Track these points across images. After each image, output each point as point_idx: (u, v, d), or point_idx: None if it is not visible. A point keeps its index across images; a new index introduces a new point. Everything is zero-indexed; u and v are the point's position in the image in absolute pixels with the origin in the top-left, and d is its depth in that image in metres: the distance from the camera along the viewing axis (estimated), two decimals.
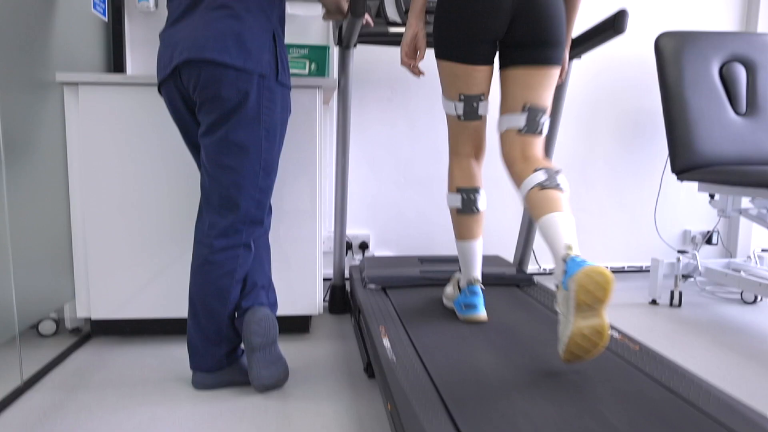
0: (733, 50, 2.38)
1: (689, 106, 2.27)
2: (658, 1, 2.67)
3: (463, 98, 1.51)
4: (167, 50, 1.41)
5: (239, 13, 1.35)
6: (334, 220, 2.13)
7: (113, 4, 2.19)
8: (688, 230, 2.80)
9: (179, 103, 1.45)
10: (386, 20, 1.93)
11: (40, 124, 1.65)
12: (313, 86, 1.80)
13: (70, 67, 1.84)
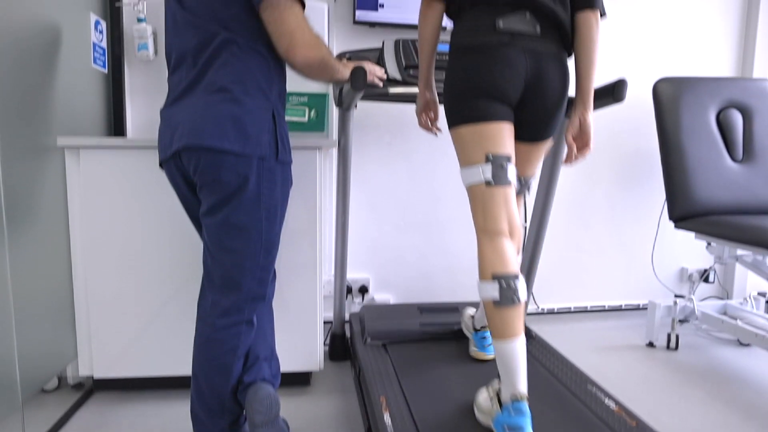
0: (730, 96, 2.39)
1: (686, 153, 2.28)
2: (655, 45, 2.68)
3: (491, 158, 1.37)
4: (167, 131, 1.41)
5: (238, 96, 1.35)
6: (334, 271, 2.14)
7: (113, 54, 2.20)
8: (685, 268, 2.82)
9: (180, 181, 1.46)
10: (386, 77, 1.94)
11: (41, 186, 1.66)
12: (312, 147, 1.81)
13: (71, 125, 1.84)
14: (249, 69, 1.37)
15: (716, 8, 2.72)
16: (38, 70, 1.66)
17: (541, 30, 1.37)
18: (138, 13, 2.16)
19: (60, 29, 1.78)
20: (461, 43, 1.41)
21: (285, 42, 1.36)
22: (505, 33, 1.36)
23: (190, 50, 1.40)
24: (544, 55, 1.38)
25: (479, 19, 1.38)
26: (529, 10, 1.37)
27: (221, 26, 1.36)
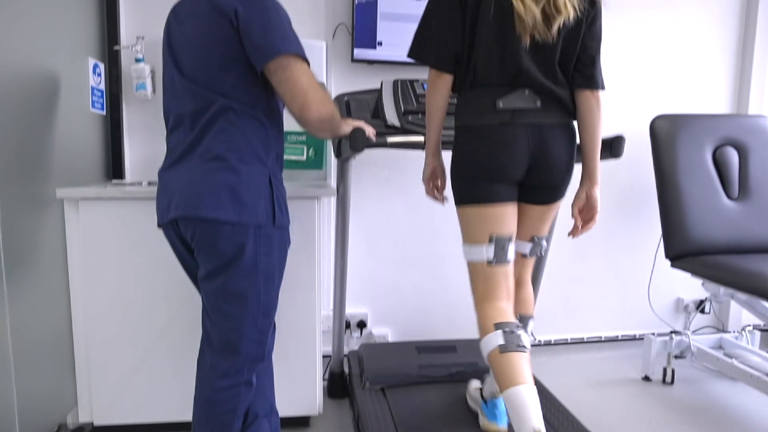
0: (726, 134, 2.41)
1: (683, 192, 2.30)
2: (653, 78, 2.70)
3: (494, 239, 1.44)
4: (165, 196, 1.42)
5: (234, 164, 1.35)
6: (333, 312, 2.15)
7: (111, 93, 2.20)
8: (681, 298, 2.84)
9: (178, 243, 1.47)
10: (384, 123, 1.94)
11: (41, 237, 1.67)
12: (311, 197, 1.82)
13: (69, 171, 1.85)
14: (246, 136, 1.38)
15: (712, 45, 2.73)
16: (37, 119, 1.66)
17: (542, 104, 1.40)
18: (136, 53, 2.16)
19: (58, 76, 1.79)
20: (465, 124, 1.45)
21: (299, 101, 1.36)
22: (506, 111, 1.39)
23: (187, 114, 1.41)
24: (546, 126, 1.41)
25: (481, 99, 1.41)
26: (528, 87, 1.39)
27: (218, 93, 1.37)
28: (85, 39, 2.01)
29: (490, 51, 1.37)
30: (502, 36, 1.36)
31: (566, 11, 1.34)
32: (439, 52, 1.43)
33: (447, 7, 1.40)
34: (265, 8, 1.34)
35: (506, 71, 1.38)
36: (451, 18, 1.40)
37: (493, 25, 1.35)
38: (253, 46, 1.32)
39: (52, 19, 1.76)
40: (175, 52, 1.44)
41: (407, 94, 2.05)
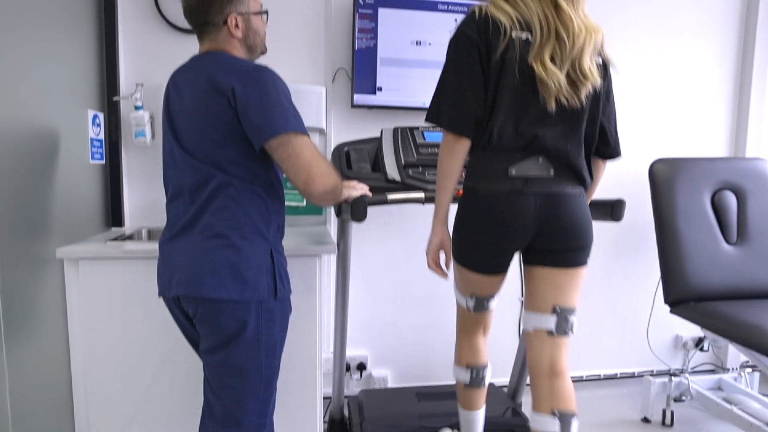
0: (724, 178, 2.41)
1: (682, 237, 2.30)
2: (651, 120, 2.71)
3: (474, 298, 1.56)
4: (166, 270, 1.42)
5: (235, 242, 1.35)
6: (333, 359, 2.15)
7: (110, 140, 2.20)
8: (680, 336, 2.85)
9: (180, 315, 1.47)
10: (385, 177, 1.94)
11: (40, 297, 1.66)
12: (311, 255, 1.81)
13: (69, 224, 1.84)
14: (246, 212, 1.37)
15: (710, 86, 2.75)
16: (37, 175, 1.66)
17: (555, 172, 1.39)
18: (135, 101, 2.16)
19: (58, 130, 1.78)
20: (474, 187, 1.43)
21: (303, 176, 1.35)
22: (518, 179, 1.37)
23: (187, 187, 1.40)
24: (556, 195, 1.39)
25: (493, 163, 1.40)
26: (542, 155, 1.38)
27: (217, 168, 1.36)
28: (85, 90, 2.00)
29: (508, 116, 1.36)
30: (523, 102, 1.35)
31: (593, 77, 1.35)
32: (459, 116, 1.37)
33: (468, 70, 1.35)
34: (263, 85, 1.34)
35: (521, 137, 1.37)
36: (473, 81, 1.35)
37: (515, 91, 1.34)
38: (251, 125, 1.32)
39: (52, 73, 1.76)
40: (175, 124, 1.44)
41: (407, 144, 2.05)
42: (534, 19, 1.32)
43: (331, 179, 1.40)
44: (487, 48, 1.33)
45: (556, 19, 1.32)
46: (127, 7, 2.22)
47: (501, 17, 1.33)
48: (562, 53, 1.32)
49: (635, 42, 2.66)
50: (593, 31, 1.36)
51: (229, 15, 1.42)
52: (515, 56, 1.32)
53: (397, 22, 2.29)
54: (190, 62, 1.47)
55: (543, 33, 1.31)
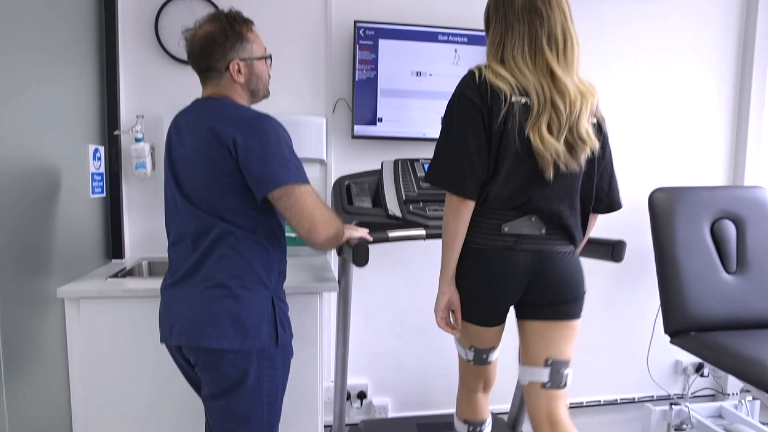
0: (723, 207, 2.42)
1: (681, 267, 2.31)
2: (650, 146, 2.73)
3: (473, 349, 1.55)
4: (167, 318, 1.42)
5: (237, 292, 1.35)
6: (334, 391, 2.15)
7: (110, 172, 2.20)
8: (680, 361, 2.85)
9: (181, 361, 1.47)
10: (386, 213, 1.94)
11: (41, 335, 1.66)
12: (313, 292, 1.82)
13: (69, 260, 1.84)
14: (248, 261, 1.37)
15: (707, 114, 2.76)
16: (37, 213, 1.66)
17: (547, 231, 1.41)
18: (136, 133, 2.16)
19: (59, 167, 1.78)
20: (472, 242, 1.44)
21: (306, 225, 1.36)
22: (510, 236, 1.39)
23: (188, 233, 1.41)
24: (546, 252, 1.42)
25: (487, 220, 1.41)
26: (536, 214, 1.39)
27: (218, 217, 1.37)
28: (86, 125, 2.00)
29: (506, 179, 1.36)
30: (522, 167, 1.35)
31: (591, 141, 1.36)
32: (466, 179, 1.35)
33: (473, 132, 1.34)
34: (265, 135, 1.34)
35: (516, 198, 1.38)
36: (478, 144, 1.34)
37: (514, 157, 1.34)
38: (253, 176, 1.33)
39: (53, 108, 1.76)
40: (176, 170, 1.44)
41: (408, 177, 2.05)
42: (531, 89, 1.33)
43: (333, 227, 1.41)
44: (489, 114, 1.33)
45: (552, 88, 1.32)
46: (127, 39, 2.23)
47: (500, 84, 1.32)
48: (560, 121, 1.32)
49: (633, 70, 2.67)
50: (589, 95, 1.36)
51: (231, 61, 1.42)
52: (515, 123, 1.32)
53: (398, 53, 2.30)
54: (192, 106, 1.48)
55: (540, 103, 1.32)
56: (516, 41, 1.34)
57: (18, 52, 1.55)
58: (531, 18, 1.32)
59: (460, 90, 1.37)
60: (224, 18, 1.43)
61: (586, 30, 2.56)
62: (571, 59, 1.35)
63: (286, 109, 2.33)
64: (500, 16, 1.37)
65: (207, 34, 1.41)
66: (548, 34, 1.33)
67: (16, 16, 1.54)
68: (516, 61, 1.35)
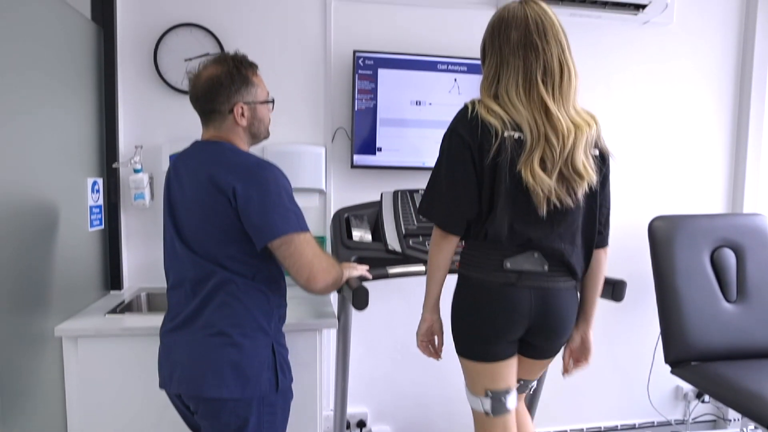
0: (723, 235, 2.41)
1: (681, 297, 2.30)
2: (648, 176, 2.73)
3: (490, 394, 1.45)
4: (167, 364, 1.41)
5: (237, 340, 1.34)
6: (334, 425, 2.14)
7: (109, 202, 2.19)
8: (681, 387, 2.84)
9: (181, 406, 1.47)
10: (385, 248, 1.94)
11: (38, 375, 1.65)
12: (312, 329, 1.81)
13: (67, 295, 1.82)
14: (248, 309, 1.37)
15: (706, 140, 2.76)
16: (35, 250, 1.65)
17: (549, 267, 1.39)
18: (134, 164, 2.15)
19: (57, 200, 1.78)
20: (470, 276, 1.43)
21: (305, 274, 1.36)
22: (513, 272, 1.37)
23: (188, 279, 1.40)
24: (550, 290, 1.41)
25: (489, 256, 1.39)
26: (538, 250, 1.38)
27: (218, 264, 1.36)
28: (84, 158, 2.00)
29: (503, 216, 1.35)
30: (518, 204, 1.34)
31: (588, 175, 1.34)
32: (450, 216, 1.39)
33: (461, 170, 1.35)
34: (265, 183, 1.34)
35: (517, 236, 1.37)
36: (465, 183, 1.35)
37: (508, 194, 1.33)
38: (252, 226, 1.32)
39: (52, 143, 1.75)
40: (175, 216, 1.44)
41: (407, 209, 2.05)
42: (524, 124, 1.31)
43: (332, 275, 1.41)
44: (479, 151, 1.32)
45: (546, 123, 1.31)
46: (126, 68, 2.22)
47: (492, 120, 1.32)
48: (553, 156, 1.31)
49: (632, 96, 2.67)
50: (585, 126, 1.34)
51: (236, 104, 1.42)
52: (507, 159, 1.31)
53: (397, 83, 2.30)
54: (192, 150, 1.47)
55: (533, 138, 1.30)
56: (511, 75, 1.33)
57: (16, 86, 1.55)
58: (526, 52, 1.31)
59: (453, 126, 1.37)
60: (231, 61, 1.43)
61: (585, 55, 2.57)
62: (567, 91, 1.34)
63: (286, 137, 2.33)
64: (495, 49, 1.36)
65: (213, 77, 1.41)
66: (544, 68, 1.31)
67: (12, 50, 1.53)
68: (510, 95, 1.33)
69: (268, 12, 2.31)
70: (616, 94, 2.66)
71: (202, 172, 1.37)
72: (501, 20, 1.36)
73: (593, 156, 1.39)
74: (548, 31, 1.32)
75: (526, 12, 1.33)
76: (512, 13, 1.35)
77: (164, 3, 2.24)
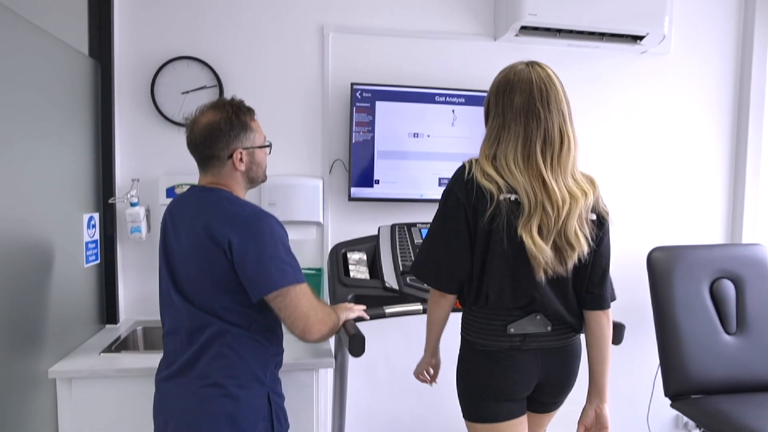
0: (722, 266, 2.40)
1: (681, 329, 2.29)
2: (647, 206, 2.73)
3: None
4: (162, 413, 1.41)
5: (232, 391, 1.33)
6: None
7: (105, 235, 2.18)
8: (680, 415, 2.82)
9: None
10: (383, 285, 1.93)
11: (31, 416, 1.63)
12: (309, 368, 1.80)
13: (62, 328, 1.81)
14: (244, 360, 1.36)
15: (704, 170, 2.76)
16: (29, 287, 1.64)
17: (553, 327, 1.39)
18: (131, 198, 2.14)
19: (53, 237, 1.77)
20: (473, 341, 1.43)
21: (300, 325, 1.36)
22: (517, 336, 1.37)
23: (183, 328, 1.39)
24: (555, 350, 1.41)
25: (490, 321, 1.39)
26: (540, 312, 1.37)
27: (213, 315, 1.35)
28: (80, 193, 1.99)
29: (503, 282, 1.34)
30: (516, 266, 1.33)
31: (579, 246, 1.32)
32: (444, 276, 1.40)
33: (454, 232, 1.35)
34: (260, 236, 1.33)
35: (519, 298, 1.36)
36: (458, 245, 1.35)
37: (506, 258, 1.32)
38: (248, 279, 1.32)
39: (47, 180, 1.75)
40: (172, 265, 1.43)
41: (405, 245, 2.04)
42: (521, 190, 1.30)
43: (328, 325, 1.41)
44: (474, 214, 1.32)
45: (543, 192, 1.30)
46: (123, 100, 2.23)
47: (487, 184, 1.31)
48: (549, 224, 1.30)
49: (630, 127, 2.67)
50: (581, 197, 1.33)
51: (235, 150, 1.42)
52: (503, 222, 1.30)
53: (395, 115, 2.30)
54: (188, 197, 1.47)
55: (531, 204, 1.30)
56: (511, 140, 1.33)
57: (11, 125, 1.55)
58: (528, 119, 1.31)
59: (450, 186, 1.37)
60: (230, 107, 1.43)
61: (582, 83, 2.58)
62: (566, 161, 1.33)
63: (283, 169, 2.33)
64: (498, 111, 1.36)
65: (212, 123, 1.40)
66: (543, 136, 1.31)
67: (8, 89, 1.53)
68: (508, 161, 1.33)
69: (265, 44, 2.31)
70: (613, 123, 2.66)
71: (199, 222, 1.36)
72: (507, 82, 1.35)
73: (590, 221, 1.37)
74: (551, 100, 1.32)
75: (532, 77, 1.33)
76: (518, 76, 1.34)
77: (161, 37, 2.24)
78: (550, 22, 2.26)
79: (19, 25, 1.59)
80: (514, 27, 2.28)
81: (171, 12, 2.25)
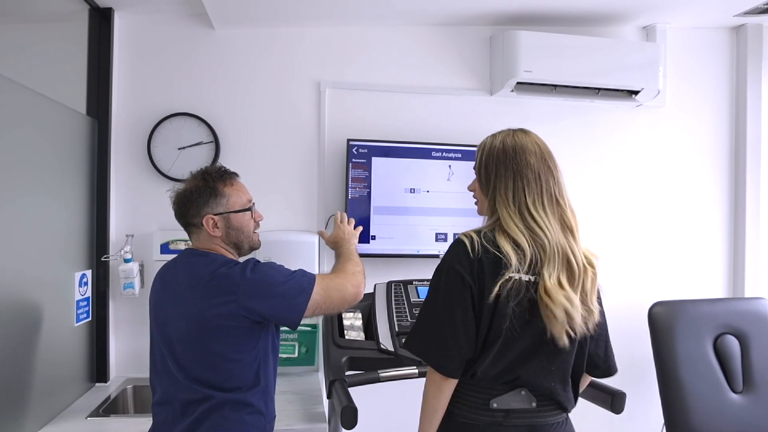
0: (726, 321, 2.36)
1: (685, 387, 2.23)
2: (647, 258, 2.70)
3: None
4: None
5: None
6: None
7: (98, 291, 2.15)
8: None
9: None
10: (378, 347, 1.89)
11: None
12: None
13: (51, 387, 1.77)
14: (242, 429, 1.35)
15: (704, 223, 2.75)
16: (16, 349, 1.60)
17: (538, 403, 1.33)
18: (125, 254, 2.12)
19: (43, 297, 1.74)
20: (459, 415, 1.36)
21: (349, 299, 1.50)
22: (499, 411, 1.31)
23: (177, 400, 1.37)
24: (537, 426, 1.33)
25: (474, 394, 1.33)
26: (525, 387, 1.32)
27: (209, 387, 1.34)
28: (73, 251, 1.97)
29: (496, 358, 1.29)
30: (511, 343, 1.28)
31: (594, 311, 1.29)
32: (450, 358, 1.28)
33: (461, 312, 1.27)
34: (260, 285, 1.36)
35: (505, 374, 1.30)
36: (465, 325, 1.27)
37: (504, 333, 1.27)
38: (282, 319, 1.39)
39: (39, 238, 1.74)
40: (166, 335, 1.42)
41: (401, 304, 2.01)
42: (546, 235, 1.27)
43: (357, 275, 1.55)
44: (479, 291, 1.27)
45: (566, 242, 1.29)
46: (120, 158, 2.23)
47: (507, 249, 1.26)
48: (574, 281, 1.27)
49: (628, 179, 2.67)
50: (593, 258, 1.33)
51: (204, 216, 1.44)
52: (510, 298, 1.25)
53: (391, 170, 2.30)
54: (179, 262, 1.48)
55: (553, 250, 1.26)
56: (530, 190, 1.31)
57: (6, 185, 1.55)
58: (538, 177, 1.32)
59: (450, 263, 1.30)
60: (200, 175, 1.47)
61: (579, 136, 2.59)
62: (575, 224, 1.33)
63: (279, 224, 2.31)
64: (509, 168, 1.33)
65: (185, 191, 1.46)
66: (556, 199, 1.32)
67: (5, 148, 1.54)
68: (532, 207, 1.31)
69: (262, 100, 2.33)
70: (611, 175, 2.65)
71: (196, 298, 1.36)
72: (510, 147, 1.35)
73: None
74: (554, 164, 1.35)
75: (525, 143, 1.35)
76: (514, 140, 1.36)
77: (159, 93, 2.26)
78: (546, 78, 2.29)
79: (14, 90, 1.60)
80: (509, 83, 2.30)
81: (169, 69, 2.28)
